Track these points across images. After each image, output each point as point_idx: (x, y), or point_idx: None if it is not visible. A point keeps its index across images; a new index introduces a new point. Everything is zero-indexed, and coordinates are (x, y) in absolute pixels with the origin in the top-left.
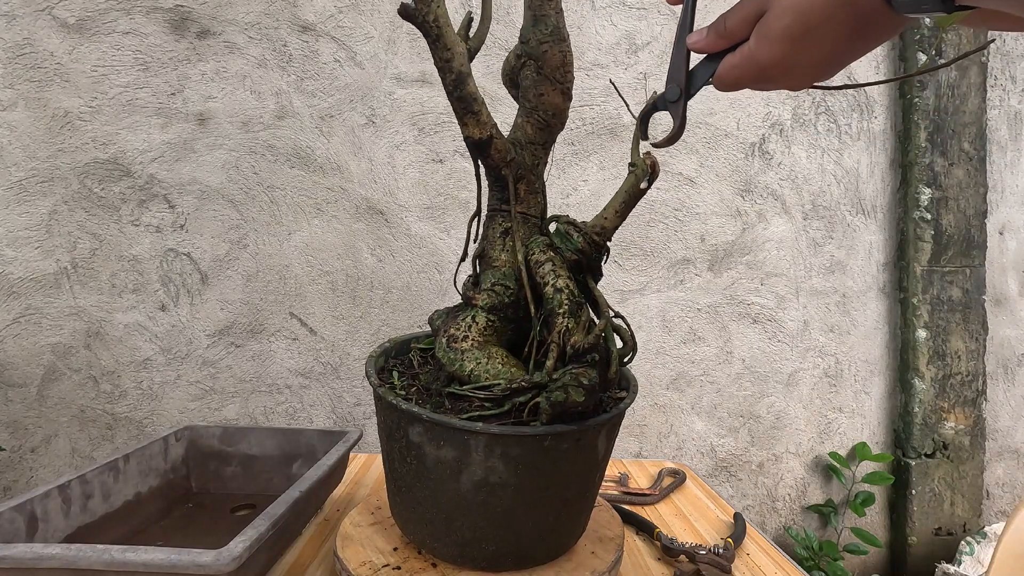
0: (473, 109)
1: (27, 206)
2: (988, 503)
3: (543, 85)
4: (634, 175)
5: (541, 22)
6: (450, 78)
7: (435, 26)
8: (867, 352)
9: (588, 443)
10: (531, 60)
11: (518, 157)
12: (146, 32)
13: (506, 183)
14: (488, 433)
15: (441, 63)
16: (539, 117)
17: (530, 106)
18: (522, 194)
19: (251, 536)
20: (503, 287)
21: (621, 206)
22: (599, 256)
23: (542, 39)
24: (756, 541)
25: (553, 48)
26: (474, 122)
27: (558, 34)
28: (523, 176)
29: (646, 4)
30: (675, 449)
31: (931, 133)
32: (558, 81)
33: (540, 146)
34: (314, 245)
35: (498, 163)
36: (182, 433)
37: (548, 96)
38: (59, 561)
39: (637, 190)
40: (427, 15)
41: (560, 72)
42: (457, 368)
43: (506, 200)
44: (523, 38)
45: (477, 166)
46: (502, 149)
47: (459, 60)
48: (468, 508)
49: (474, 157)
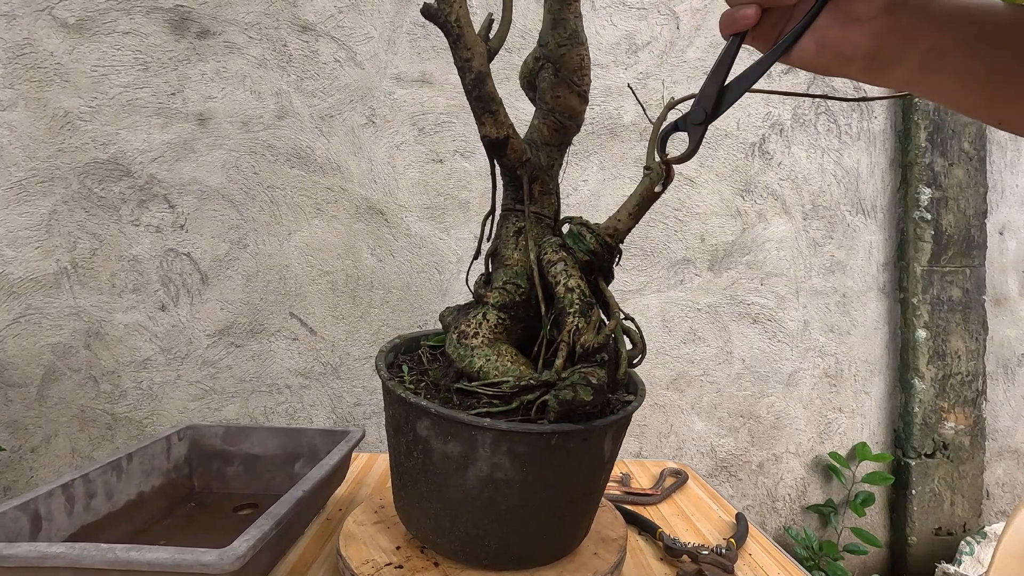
0: (491, 109)
1: (27, 206)
2: (988, 503)
3: (560, 88)
4: (649, 179)
5: (560, 25)
6: (470, 77)
7: (456, 26)
8: (867, 352)
9: (595, 443)
10: (549, 63)
11: (533, 158)
12: (146, 32)
13: (521, 183)
14: (495, 429)
15: (461, 63)
16: (555, 119)
17: (547, 108)
18: (536, 194)
19: (255, 535)
20: (515, 285)
21: (635, 208)
22: (611, 258)
23: (560, 42)
24: (758, 541)
25: (571, 51)
26: (492, 121)
27: (576, 38)
28: (538, 177)
29: (646, 4)
30: (675, 449)
31: (931, 133)
32: (575, 84)
33: (555, 148)
34: (314, 245)
35: (514, 163)
36: (185, 432)
37: (565, 99)
38: (63, 560)
39: (652, 193)
40: (449, 15)
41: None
42: (467, 364)
43: (520, 200)
44: (542, 41)
45: (493, 165)
46: (518, 149)
47: (479, 60)
48: (473, 504)
49: (490, 156)
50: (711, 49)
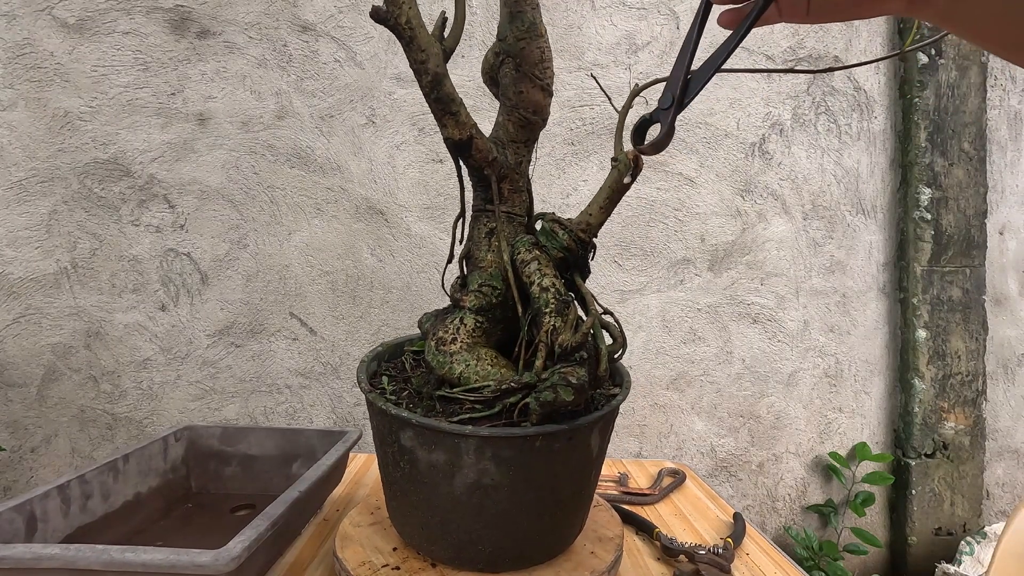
0: (451, 110)
1: (27, 206)
2: (988, 503)
3: (523, 82)
4: (617, 170)
5: (517, 18)
6: (426, 80)
7: (408, 28)
8: (867, 352)
9: (580, 442)
10: (509, 57)
11: (500, 156)
12: (146, 32)
13: (489, 183)
14: (478, 436)
15: (416, 65)
16: (520, 115)
17: (511, 104)
18: (506, 193)
19: (250, 536)
20: (490, 288)
21: (605, 202)
22: (585, 253)
23: (519, 36)
24: (756, 541)
25: (531, 44)
26: (453, 123)
27: (535, 30)
28: (506, 175)
29: (646, 4)
30: (675, 449)
31: (931, 133)
32: (537, 78)
33: (522, 144)
34: (314, 245)
35: (480, 163)
36: (182, 433)
37: (528, 93)
38: (58, 561)
39: (620, 185)
40: (399, 17)
41: (539, 68)
42: (447, 371)
43: (490, 200)
44: (500, 35)
45: (459, 167)
46: (483, 149)
47: (434, 61)
48: (462, 511)
49: (455, 158)
50: (711, 49)
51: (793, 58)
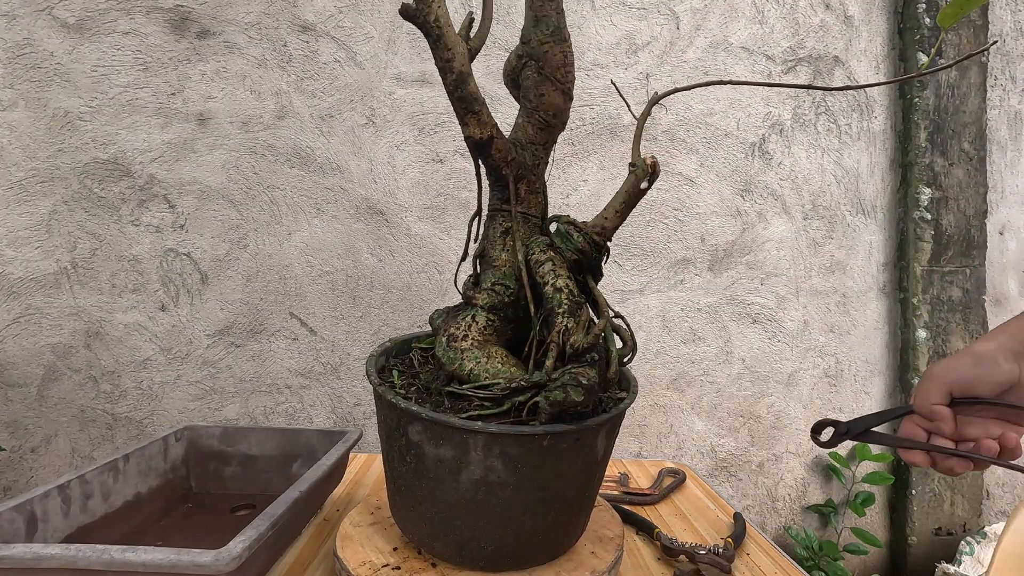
0: (474, 109)
1: (27, 206)
2: (988, 503)
3: (544, 85)
4: (635, 175)
5: (542, 23)
6: (451, 78)
7: (436, 26)
8: (867, 352)
9: (587, 443)
10: (532, 60)
11: (519, 157)
12: (146, 32)
13: (507, 183)
14: (487, 432)
15: (442, 63)
16: (540, 117)
17: (531, 106)
18: (523, 194)
19: (251, 536)
20: (503, 287)
21: (621, 206)
22: (599, 256)
23: (543, 39)
24: (756, 541)
25: (554, 48)
26: (475, 122)
27: (559, 34)
28: (524, 176)
29: (646, 4)
30: (675, 449)
31: (931, 133)
32: (559, 81)
33: (541, 146)
34: (314, 245)
35: (499, 163)
36: (182, 433)
37: (549, 96)
38: (58, 561)
39: (638, 190)
40: (428, 15)
41: (561, 72)
42: (457, 367)
43: (507, 200)
44: (524, 38)
45: (478, 166)
46: (503, 149)
47: (460, 60)
48: (467, 507)
49: (475, 157)
50: (711, 49)
51: (793, 58)
